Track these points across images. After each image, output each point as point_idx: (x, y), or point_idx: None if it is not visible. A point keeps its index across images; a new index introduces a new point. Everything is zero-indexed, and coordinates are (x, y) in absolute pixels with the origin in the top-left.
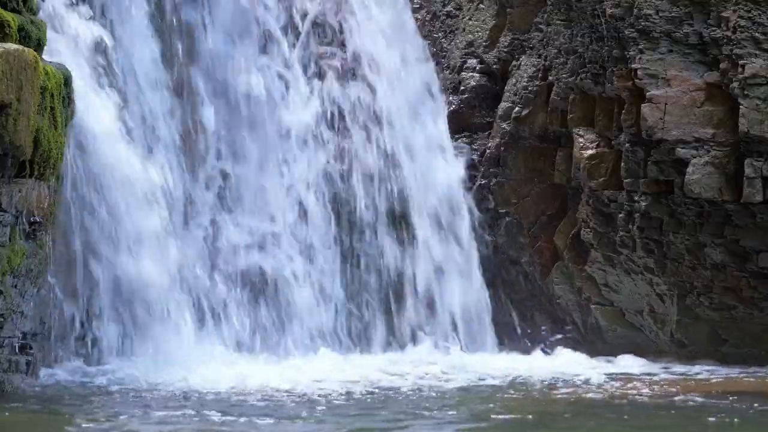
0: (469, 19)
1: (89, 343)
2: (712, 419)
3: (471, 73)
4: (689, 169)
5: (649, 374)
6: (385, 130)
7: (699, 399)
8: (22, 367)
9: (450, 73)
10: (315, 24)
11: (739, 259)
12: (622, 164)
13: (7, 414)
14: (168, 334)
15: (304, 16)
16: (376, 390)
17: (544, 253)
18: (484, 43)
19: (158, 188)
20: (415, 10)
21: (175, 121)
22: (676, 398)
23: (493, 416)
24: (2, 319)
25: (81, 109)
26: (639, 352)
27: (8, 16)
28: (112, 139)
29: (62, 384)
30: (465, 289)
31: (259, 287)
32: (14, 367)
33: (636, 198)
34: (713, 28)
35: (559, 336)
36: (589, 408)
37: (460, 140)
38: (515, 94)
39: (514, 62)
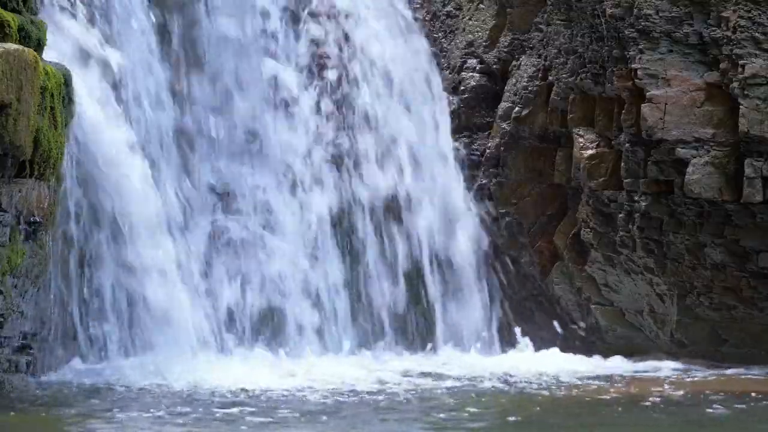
0: (469, 19)
1: (90, 343)
2: (708, 417)
3: (471, 73)
4: (689, 169)
5: (649, 374)
6: (386, 131)
7: (698, 398)
8: (22, 367)
9: (450, 73)
10: (315, 24)
11: (739, 259)
12: (622, 164)
13: (8, 414)
14: (170, 334)
15: (305, 16)
16: (371, 393)
17: (544, 253)
18: (484, 43)
19: (159, 186)
20: (415, 10)
21: (174, 121)
22: (675, 397)
23: (492, 416)
24: (2, 319)
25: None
26: (639, 352)
27: (8, 16)
28: (113, 136)
29: (62, 384)
30: (465, 290)
31: (260, 287)
32: (14, 367)
33: (636, 198)
34: (713, 28)
35: (559, 336)
36: (588, 408)
37: (460, 140)
38: (515, 94)
39: (514, 62)
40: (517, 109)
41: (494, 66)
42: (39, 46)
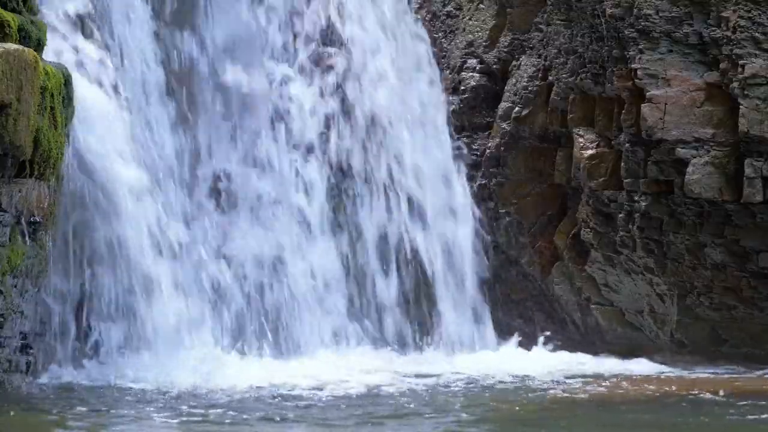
0: (469, 19)
1: (90, 343)
2: (706, 419)
3: (471, 73)
4: (689, 169)
5: (648, 374)
6: (386, 132)
7: (698, 398)
8: (22, 367)
9: (450, 73)
10: (315, 24)
11: (739, 259)
12: (622, 164)
13: (8, 414)
14: (171, 333)
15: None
16: (369, 391)
17: (544, 253)
18: (484, 43)
19: (161, 186)
20: (415, 10)
21: (173, 119)
22: (675, 397)
23: (491, 415)
24: (2, 319)
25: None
26: (639, 352)
27: (8, 16)
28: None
29: (62, 384)
30: (465, 289)
31: (263, 287)
32: (14, 367)
33: (636, 198)
34: (713, 28)
35: (559, 336)
36: (588, 408)
37: (460, 140)
38: (515, 94)
39: (514, 62)
40: (517, 109)
41: (494, 66)
42: (39, 46)
